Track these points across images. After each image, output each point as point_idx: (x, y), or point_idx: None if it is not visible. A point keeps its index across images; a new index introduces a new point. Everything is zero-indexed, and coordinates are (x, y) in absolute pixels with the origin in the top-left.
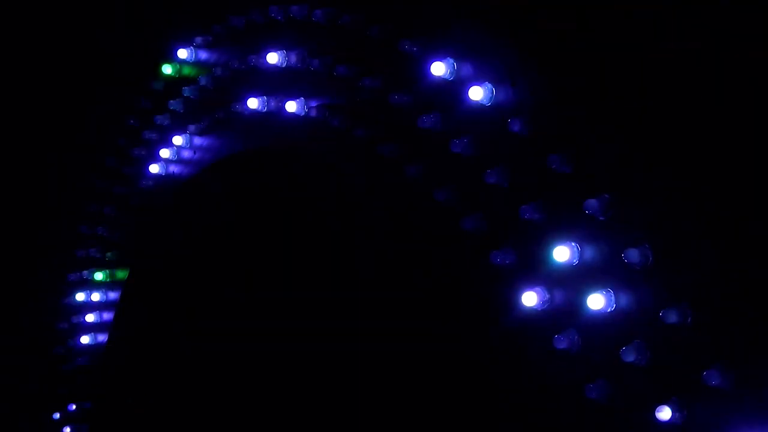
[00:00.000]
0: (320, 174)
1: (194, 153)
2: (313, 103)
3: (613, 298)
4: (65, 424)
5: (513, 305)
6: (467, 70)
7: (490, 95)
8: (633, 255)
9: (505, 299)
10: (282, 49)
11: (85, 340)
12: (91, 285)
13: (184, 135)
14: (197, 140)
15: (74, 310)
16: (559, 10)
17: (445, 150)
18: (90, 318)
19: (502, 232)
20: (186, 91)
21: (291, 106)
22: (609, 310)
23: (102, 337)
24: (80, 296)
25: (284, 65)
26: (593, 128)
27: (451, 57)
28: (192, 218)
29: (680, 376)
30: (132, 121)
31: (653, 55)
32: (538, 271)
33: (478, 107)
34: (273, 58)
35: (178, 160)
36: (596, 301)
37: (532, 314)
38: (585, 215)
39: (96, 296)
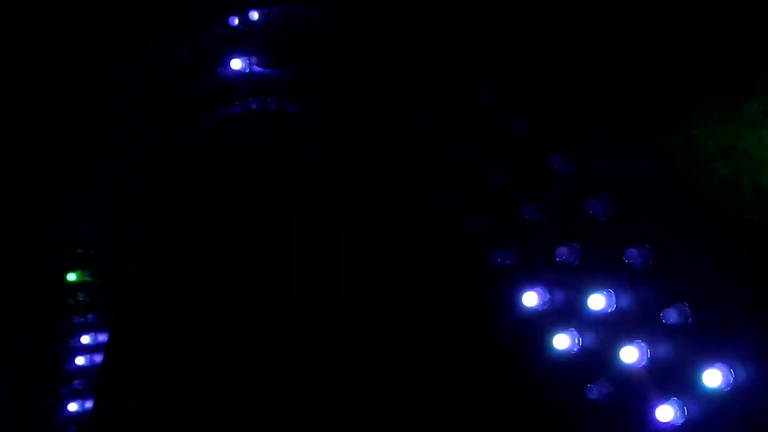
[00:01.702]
0: (320, 174)
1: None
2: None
3: (613, 298)
4: (65, 424)
5: (513, 305)
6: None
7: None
8: (634, 255)
9: (505, 299)
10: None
11: (85, 340)
12: (91, 285)
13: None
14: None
15: (74, 311)
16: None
17: (446, 149)
18: (90, 318)
19: (504, 233)
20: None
21: (291, 106)
22: (610, 310)
23: (102, 337)
24: (80, 296)
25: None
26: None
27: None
28: (192, 218)
29: (680, 375)
30: (130, 121)
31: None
32: (539, 272)
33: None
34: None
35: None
36: (597, 302)
37: (532, 314)
38: (586, 215)
39: (96, 296)
